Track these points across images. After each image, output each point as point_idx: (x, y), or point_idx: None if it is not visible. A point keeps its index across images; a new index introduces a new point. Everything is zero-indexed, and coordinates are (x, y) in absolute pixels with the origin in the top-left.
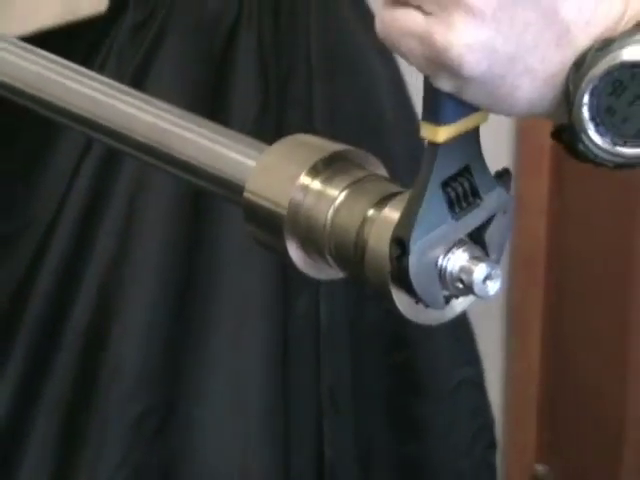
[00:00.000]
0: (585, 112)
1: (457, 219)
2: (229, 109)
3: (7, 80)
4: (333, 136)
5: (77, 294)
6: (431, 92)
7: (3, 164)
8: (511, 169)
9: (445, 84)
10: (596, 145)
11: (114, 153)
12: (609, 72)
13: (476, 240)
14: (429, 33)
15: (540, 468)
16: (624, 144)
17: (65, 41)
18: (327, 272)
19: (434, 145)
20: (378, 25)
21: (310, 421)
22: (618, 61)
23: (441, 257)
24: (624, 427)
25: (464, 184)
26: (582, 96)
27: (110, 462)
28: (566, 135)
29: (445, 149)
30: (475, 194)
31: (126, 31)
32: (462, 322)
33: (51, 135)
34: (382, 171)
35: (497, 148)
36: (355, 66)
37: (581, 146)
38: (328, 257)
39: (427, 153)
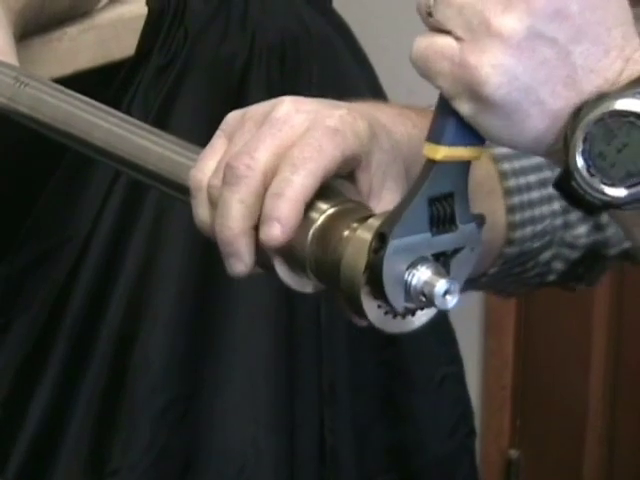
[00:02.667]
0: (579, 154)
1: (433, 235)
2: None
3: (40, 116)
4: None
5: (111, 297)
6: (443, 114)
7: (51, 185)
8: None
9: (464, 106)
10: (587, 184)
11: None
12: (601, 119)
13: (442, 264)
14: (461, 54)
15: (513, 452)
16: (611, 185)
17: (99, 81)
18: (309, 286)
19: (431, 162)
20: (414, 48)
21: (312, 410)
22: (609, 110)
23: (408, 272)
24: (587, 416)
25: (446, 208)
26: (577, 140)
27: (139, 446)
28: (564, 181)
29: (439, 169)
30: (452, 222)
31: (151, 72)
32: (445, 326)
33: (89, 159)
34: (358, 197)
35: None
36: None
37: (574, 184)
38: (309, 272)
39: (423, 168)
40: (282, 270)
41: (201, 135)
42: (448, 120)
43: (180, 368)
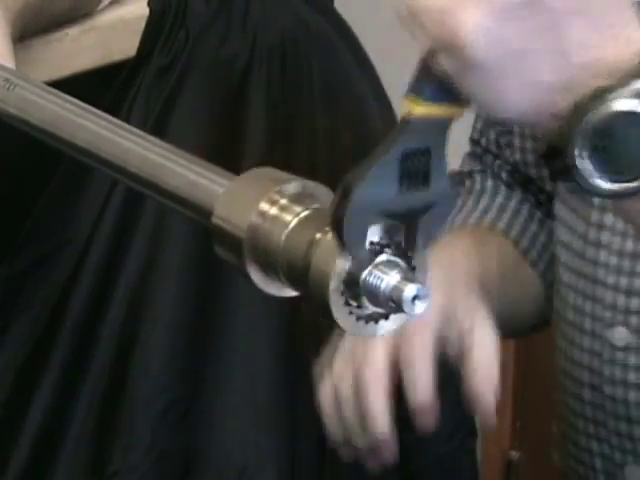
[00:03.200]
0: (578, 152)
1: (402, 192)
2: (243, 139)
3: (28, 118)
4: (333, 161)
5: (111, 298)
6: (423, 69)
7: (51, 186)
8: None
9: (445, 62)
10: (588, 180)
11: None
12: (602, 119)
13: (409, 226)
14: (448, 10)
15: (514, 454)
16: (612, 180)
17: (99, 82)
18: (284, 290)
19: (408, 117)
20: (406, 5)
21: (313, 411)
22: (610, 111)
23: (374, 275)
24: None
25: (419, 165)
26: (576, 138)
27: (139, 447)
28: (558, 163)
29: (416, 124)
30: (425, 180)
31: (152, 74)
32: None
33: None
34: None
35: None
36: (353, 105)
37: (571, 178)
38: (282, 276)
39: (400, 123)
40: (257, 276)
41: (202, 135)
42: (428, 76)
43: (181, 369)
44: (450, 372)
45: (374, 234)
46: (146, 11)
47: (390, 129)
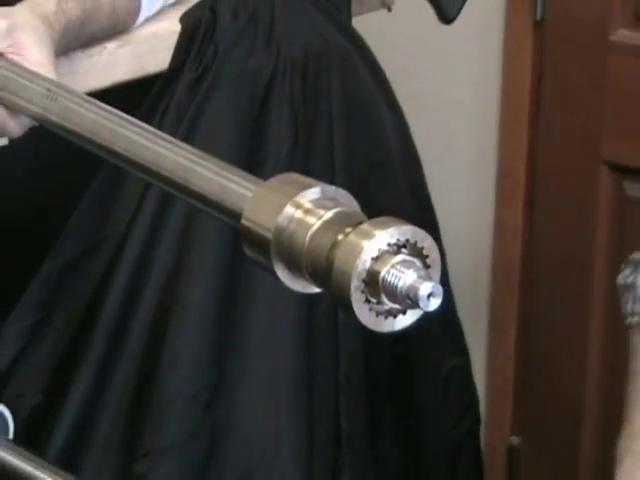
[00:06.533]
0: None
1: None
2: (266, 148)
3: (69, 126)
4: (350, 170)
5: (143, 295)
6: None
7: (90, 189)
8: (493, 200)
9: None
10: None
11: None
12: None
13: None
14: None
15: (514, 439)
16: None
17: (134, 93)
18: (309, 288)
19: None
20: None
21: (330, 400)
22: None
23: (392, 274)
24: (583, 406)
25: None
26: None
27: (168, 431)
28: None
29: None
30: None
31: (183, 86)
32: (453, 322)
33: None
34: (353, 203)
35: (482, 186)
36: (368, 115)
37: None
38: (306, 275)
39: None
40: (283, 274)
41: (227, 141)
42: None
43: (207, 360)
44: (455, 363)
45: (392, 236)
46: (178, 27)
47: (403, 139)
